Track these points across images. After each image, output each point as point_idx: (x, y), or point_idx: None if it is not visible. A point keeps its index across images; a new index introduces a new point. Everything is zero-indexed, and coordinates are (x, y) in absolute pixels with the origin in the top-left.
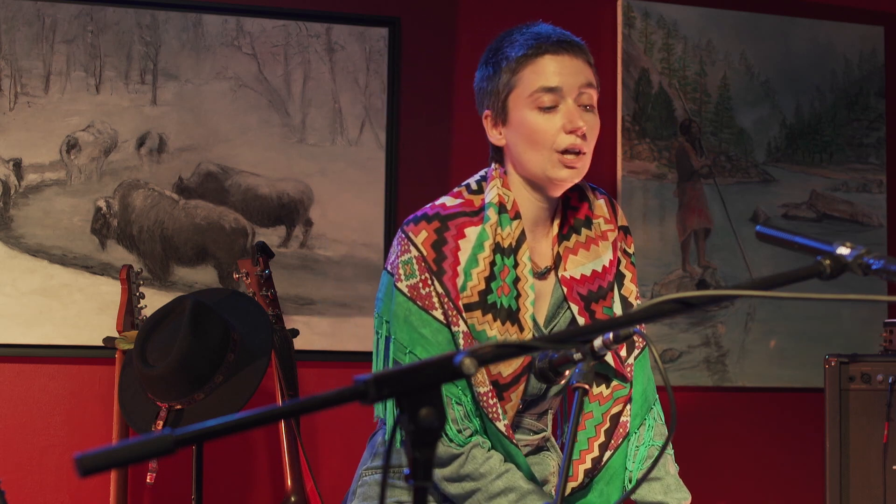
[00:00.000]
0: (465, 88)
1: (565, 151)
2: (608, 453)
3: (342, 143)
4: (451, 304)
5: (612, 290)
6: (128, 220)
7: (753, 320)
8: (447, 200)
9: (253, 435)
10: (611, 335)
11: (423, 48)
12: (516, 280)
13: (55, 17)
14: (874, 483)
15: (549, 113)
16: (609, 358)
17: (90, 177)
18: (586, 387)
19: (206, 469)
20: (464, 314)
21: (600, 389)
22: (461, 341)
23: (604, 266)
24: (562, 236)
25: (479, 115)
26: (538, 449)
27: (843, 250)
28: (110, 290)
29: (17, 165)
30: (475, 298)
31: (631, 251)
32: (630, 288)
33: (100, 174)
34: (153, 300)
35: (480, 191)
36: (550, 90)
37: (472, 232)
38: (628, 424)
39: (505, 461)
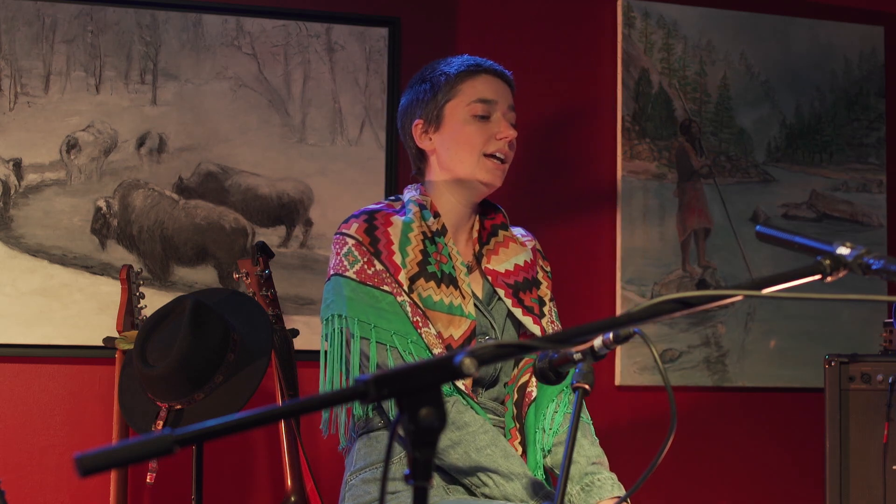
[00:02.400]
0: None
1: (492, 156)
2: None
3: (342, 143)
4: (391, 279)
5: (535, 286)
6: (128, 220)
7: (753, 320)
8: (370, 205)
9: (253, 435)
10: (611, 335)
11: (423, 48)
12: (449, 254)
13: (55, 17)
14: (874, 483)
15: (481, 122)
16: (530, 325)
17: (90, 177)
18: (586, 387)
19: (206, 469)
20: (405, 286)
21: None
22: (409, 309)
23: (525, 261)
24: (482, 242)
25: (400, 130)
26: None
27: (843, 250)
28: (110, 290)
29: (17, 165)
30: (416, 269)
31: (548, 269)
32: (545, 291)
33: (100, 174)
34: (153, 300)
35: (398, 199)
36: (486, 102)
37: (397, 220)
38: (533, 393)
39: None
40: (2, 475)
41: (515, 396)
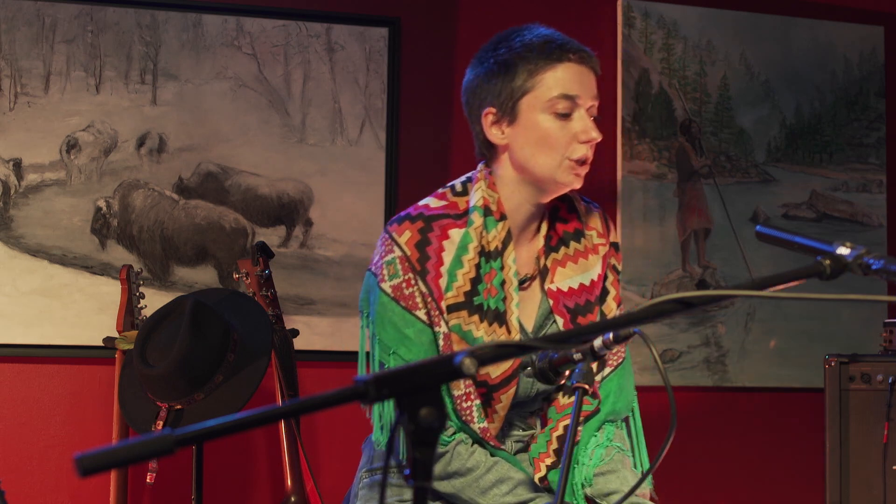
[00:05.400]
0: None
1: (577, 161)
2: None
3: (342, 143)
4: (434, 304)
5: (598, 304)
6: (128, 220)
7: (753, 320)
8: (431, 202)
9: (253, 435)
10: (611, 335)
11: (423, 48)
12: (502, 283)
13: (55, 17)
14: (874, 483)
15: (563, 120)
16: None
17: (90, 177)
18: (586, 387)
19: (206, 469)
20: (446, 315)
21: (565, 400)
22: (441, 342)
23: (592, 280)
24: (550, 248)
25: (465, 107)
26: (528, 446)
27: (843, 250)
28: (110, 290)
29: (17, 165)
30: (461, 299)
31: (619, 268)
32: (611, 306)
33: (100, 174)
34: (153, 300)
35: (465, 192)
36: (569, 97)
37: (455, 234)
38: (581, 434)
39: (491, 455)
40: (2, 475)
41: (560, 431)
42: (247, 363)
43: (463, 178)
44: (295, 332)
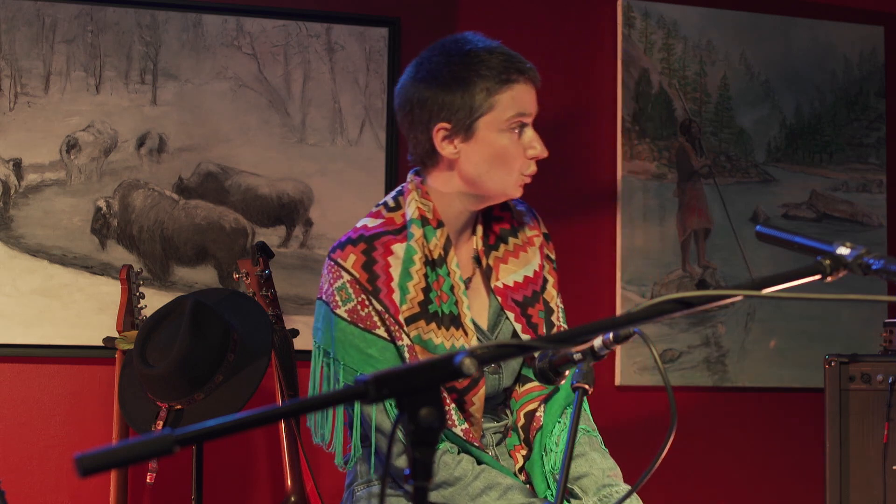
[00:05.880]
0: None
1: (529, 175)
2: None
3: (342, 143)
4: (391, 319)
5: (543, 292)
6: (128, 220)
7: (753, 320)
8: (368, 222)
9: (253, 435)
10: (611, 335)
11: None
12: (451, 287)
13: (55, 17)
14: (874, 483)
15: (518, 137)
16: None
17: (90, 177)
18: (586, 387)
19: (206, 469)
20: (405, 328)
21: (521, 388)
22: (406, 355)
23: (534, 271)
24: (489, 246)
25: (405, 116)
26: (504, 437)
27: (843, 250)
28: (110, 290)
29: (17, 165)
30: (416, 309)
31: (553, 257)
32: (551, 293)
33: (100, 174)
34: (153, 300)
35: (399, 207)
36: (522, 116)
37: (398, 248)
38: (542, 419)
39: (477, 462)
40: (2, 475)
41: (522, 421)
42: (247, 363)
43: (393, 192)
44: (295, 332)
